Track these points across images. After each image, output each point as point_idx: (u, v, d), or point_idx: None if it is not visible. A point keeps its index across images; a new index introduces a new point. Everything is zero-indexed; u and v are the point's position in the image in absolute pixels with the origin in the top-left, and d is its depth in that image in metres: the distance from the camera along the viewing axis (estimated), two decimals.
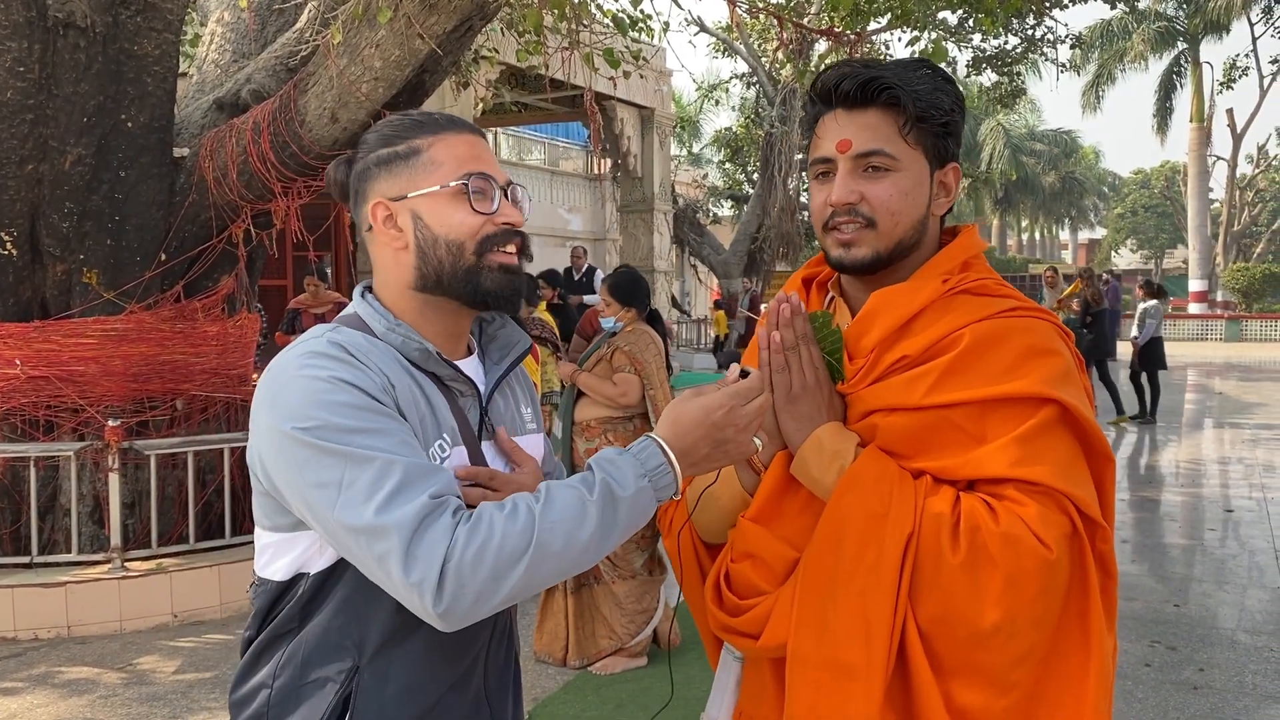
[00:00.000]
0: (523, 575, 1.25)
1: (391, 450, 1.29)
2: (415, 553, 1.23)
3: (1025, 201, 46.05)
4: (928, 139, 1.47)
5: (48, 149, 5.45)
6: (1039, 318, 1.47)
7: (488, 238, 1.44)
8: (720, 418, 1.35)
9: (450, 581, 1.23)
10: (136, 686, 4.53)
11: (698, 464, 1.36)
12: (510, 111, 15.84)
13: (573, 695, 4.35)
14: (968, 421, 1.40)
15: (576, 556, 1.28)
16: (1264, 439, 11.52)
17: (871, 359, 1.46)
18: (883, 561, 1.36)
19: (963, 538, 1.34)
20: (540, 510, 1.27)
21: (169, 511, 5.84)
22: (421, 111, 1.51)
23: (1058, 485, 1.36)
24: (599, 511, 1.28)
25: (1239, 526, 7.36)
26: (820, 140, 1.50)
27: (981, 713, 1.36)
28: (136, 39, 5.57)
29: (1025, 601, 1.33)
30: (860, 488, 1.39)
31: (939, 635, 1.36)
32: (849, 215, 1.46)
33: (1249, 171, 40.02)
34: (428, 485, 1.27)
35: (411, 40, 5.23)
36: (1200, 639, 5.00)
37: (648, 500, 1.32)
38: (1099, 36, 34.18)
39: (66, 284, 5.76)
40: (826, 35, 10.77)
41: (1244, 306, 32.97)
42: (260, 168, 5.63)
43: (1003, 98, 17.59)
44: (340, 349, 1.38)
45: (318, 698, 1.40)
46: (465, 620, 1.27)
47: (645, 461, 1.32)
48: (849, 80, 1.46)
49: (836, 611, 1.38)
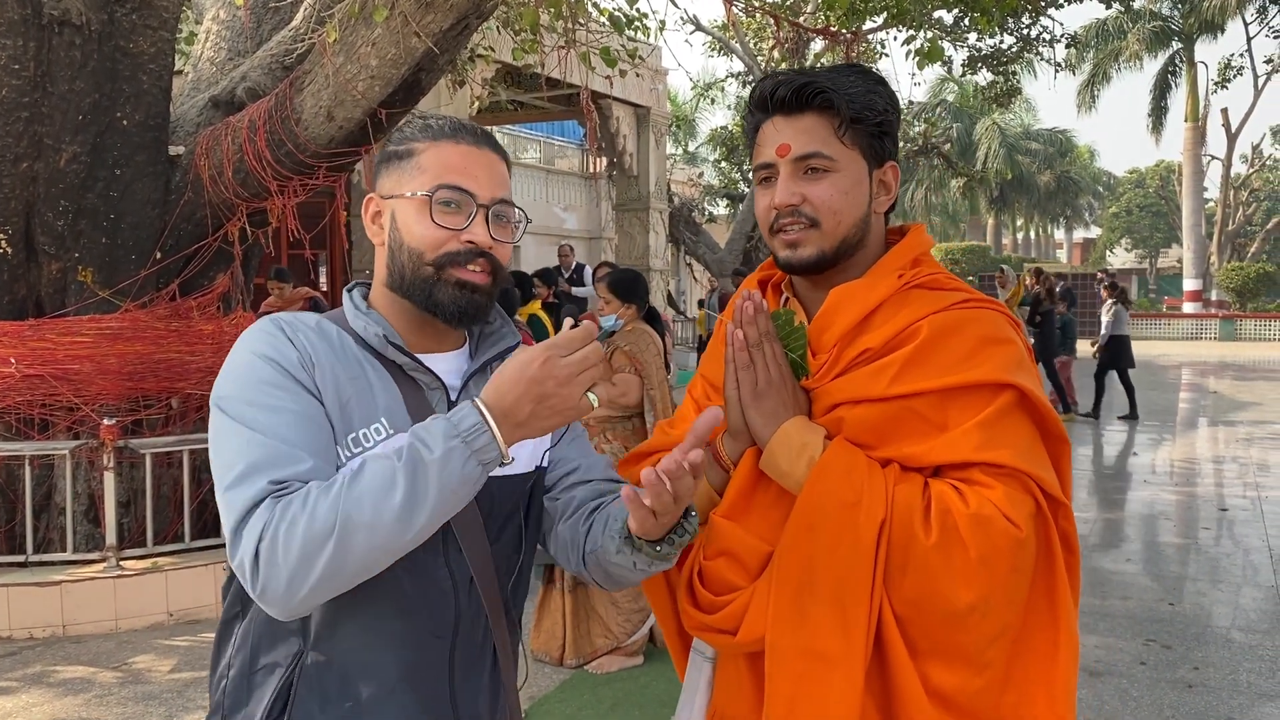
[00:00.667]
0: (333, 551, 1.22)
1: (269, 429, 1.31)
2: (240, 534, 1.25)
3: (1020, 201, 46.05)
4: (863, 139, 1.52)
5: (43, 147, 5.44)
6: (990, 309, 1.52)
7: (451, 254, 1.42)
8: (537, 371, 1.26)
9: (264, 562, 1.23)
10: (132, 685, 4.52)
11: (524, 424, 1.28)
12: (506, 110, 15.83)
13: (569, 694, 4.35)
14: (930, 410, 1.45)
15: (391, 526, 1.23)
16: (1258, 438, 11.54)
17: (834, 353, 1.50)
18: (857, 549, 1.39)
19: (934, 521, 1.38)
20: (348, 482, 1.24)
21: (164, 510, 5.83)
22: (449, 117, 1.51)
23: (1021, 466, 1.41)
24: (407, 477, 1.23)
25: (1234, 525, 7.38)
26: (761, 147, 1.55)
27: (958, 692, 1.39)
28: (132, 37, 5.56)
29: (998, 580, 1.38)
30: (831, 478, 1.42)
31: (915, 618, 1.40)
32: (792, 217, 1.51)
33: (1243, 171, 40.12)
34: (276, 471, 1.28)
35: (408, 38, 5.23)
36: (1195, 637, 5.01)
37: (461, 462, 1.25)
38: (1094, 36, 34.21)
39: (61, 282, 5.74)
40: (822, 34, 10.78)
41: (1238, 306, 33.03)
42: (256, 166, 5.62)
43: (998, 97, 17.59)
44: (276, 324, 1.42)
45: (266, 684, 1.39)
46: (290, 603, 1.25)
47: (459, 424, 1.26)
48: (784, 87, 1.51)
49: (813, 601, 1.40)
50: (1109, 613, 5.39)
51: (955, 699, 1.39)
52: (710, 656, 1.62)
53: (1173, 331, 31.28)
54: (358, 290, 1.53)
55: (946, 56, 15.37)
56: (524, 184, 22.50)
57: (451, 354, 1.53)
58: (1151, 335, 31.12)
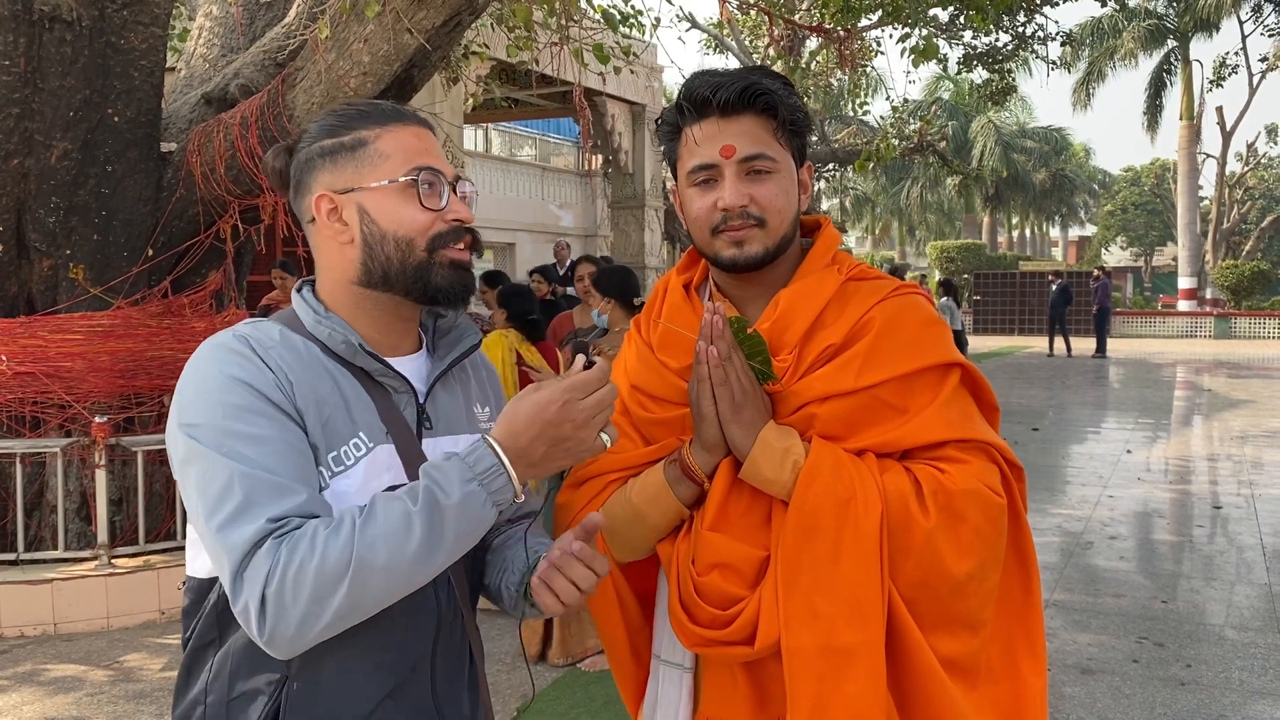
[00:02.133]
0: (346, 595, 1.20)
1: (255, 461, 1.25)
2: (242, 577, 1.21)
3: (1016, 199, 46.04)
4: (793, 141, 1.58)
5: (33, 143, 5.42)
6: (915, 293, 1.61)
7: (439, 235, 1.42)
8: (555, 414, 1.27)
9: (271, 606, 1.20)
10: (123, 684, 4.51)
11: (537, 465, 1.29)
12: (501, 107, 15.82)
13: (560, 693, 4.35)
14: (894, 396, 1.51)
15: (407, 570, 1.23)
16: (1252, 436, 11.56)
17: (797, 353, 1.53)
18: (863, 543, 1.43)
19: (930, 501, 1.45)
20: (361, 524, 1.22)
21: (156, 508, 5.82)
22: (367, 101, 1.49)
23: (985, 438, 1.52)
24: (424, 522, 1.22)
25: (1227, 523, 7.38)
26: (697, 147, 1.55)
27: (964, 655, 1.48)
28: (123, 33, 5.54)
29: (989, 546, 1.49)
30: (822, 478, 1.45)
31: (921, 597, 1.46)
32: (741, 218, 1.53)
33: (1238, 169, 40.15)
34: (272, 507, 1.23)
35: (400, 35, 5.21)
36: (1188, 635, 5.01)
37: (479, 505, 1.25)
38: (1089, 34, 34.23)
39: (53, 279, 5.73)
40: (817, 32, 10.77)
41: (1233, 304, 33.06)
42: (248, 163, 5.61)
43: (993, 95, 17.60)
44: (245, 343, 1.35)
45: (249, 711, 1.35)
46: (297, 644, 1.23)
47: (474, 465, 1.26)
48: (725, 89, 1.51)
49: (825, 599, 1.42)
50: (1102, 610, 5.39)
51: (960, 662, 1.48)
52: (689, 667, 1.61)
53: (1167, 329, 31.30)
54: (308, 290, 1.48)
55: (942, 54, 15.35)
56: (519, 181, 22.46)
57: (412, 357, 1.51)
58: (1146, 333, 31.16)
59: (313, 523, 1.23)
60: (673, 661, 1.62)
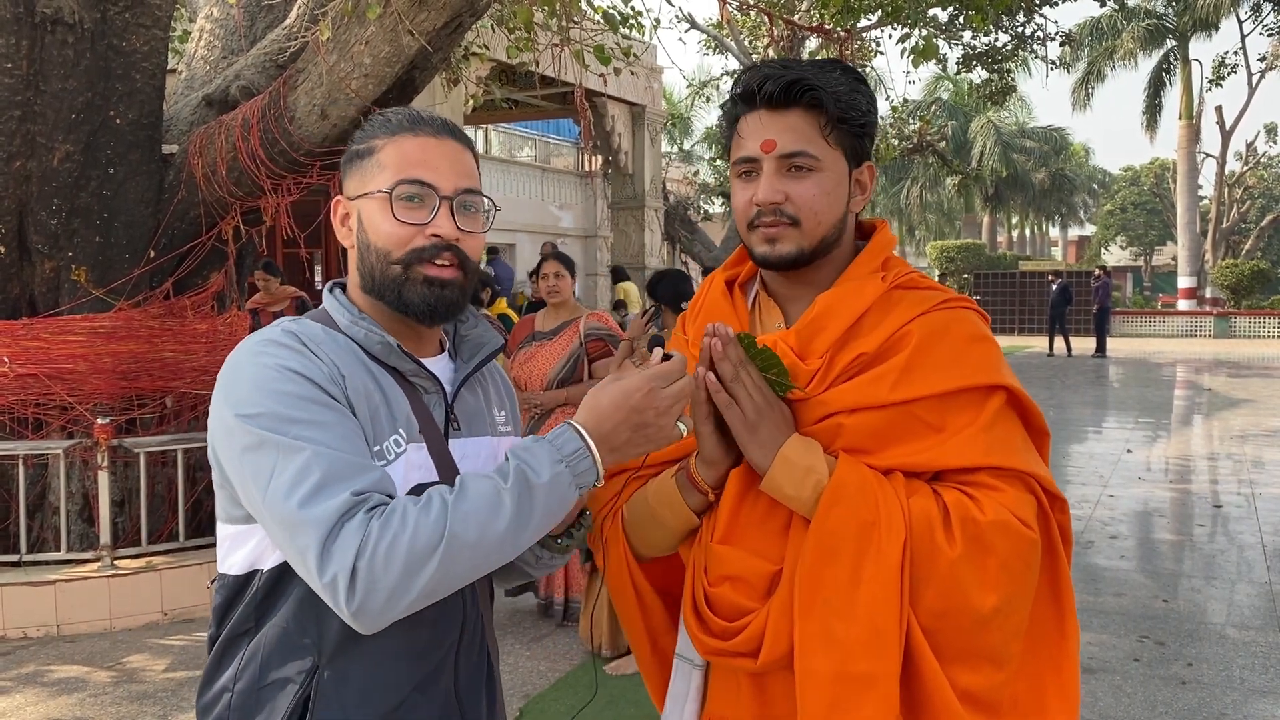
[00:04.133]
0: (437, 569, 1.22)
1: (327, 443, 1.27)
2: (330, 550, 1.22)
3: (1015, 198, 46.01)
4: (846, 139, 1.51)
5: (35, 146, 5.43)
6: (966, 308, 1.55)
7: (417, 250, 1.40)
8: (639, 400, 1.31)
9: (362, 579, 1.21)
10: (126, 685, 4.52)
11: (619, 449, 1.33)
12: (501, 108, 15.82)
13: (563, 691, 4.36)
14: (929, 413, 1.45)
15: (494, 547, 1.25)
16: (1252, 435, 11.57)
17: (827, 359, 1.48)
18: (883, 569, 1.38)
19: (956, 530, 1.39)
20: (453, 501, 1.25)
21: (159, 509, 5.82)
22: (407, 109, 1.48)
23: (1023, 467, 1.45)
24: (514, 500, 1.25)
25: (1228, 522, 7.39)
26: (743, 140, 1.52)
27: (985, 690, 1.42)
28: (125, 35, 5.55)
29: (1017, 582, 1.41)
30: (846, 499, 1.41)
31: (942, 628, 1.41)
32: (774, 215, 1.49)
33: (1238, 168, 40.14)
34: (353, 482, 1.25)
35: (401, 36, 5.22)
36: (1189, 634, 5.02)
37: (565, 487, 1.29)
38: (1089, 34, 34.22)
39: (55, 281, 5.73)
40: (817, 32, 10.79)
41: (1233, 303, 33.05)
42: (250, 164, 5.62)
43: (993, 95, 17.60)
44: (294, 338, 1.37)
45: (278, 699, 1.37)
46: (383, 618, 1.24)
47: (561, 447, 1.29)
48: (772, 81, 1.48)
49: (842, 624, 1.39)
50: (1103, 609, 5.40)
51: (980, 696, 1.42)
52: (700, 664, 1.60)
53: (1167, 329, 31.30)
54: (339, 291, 1.50)
55: (941, 54, 15.36)
56: (519, 182, 22.46)
57: (435, 359, 1.53)
58: (1146, 332, 31.16)
59: (402, 499, 1.26)
60: (687, 657, 1.62)
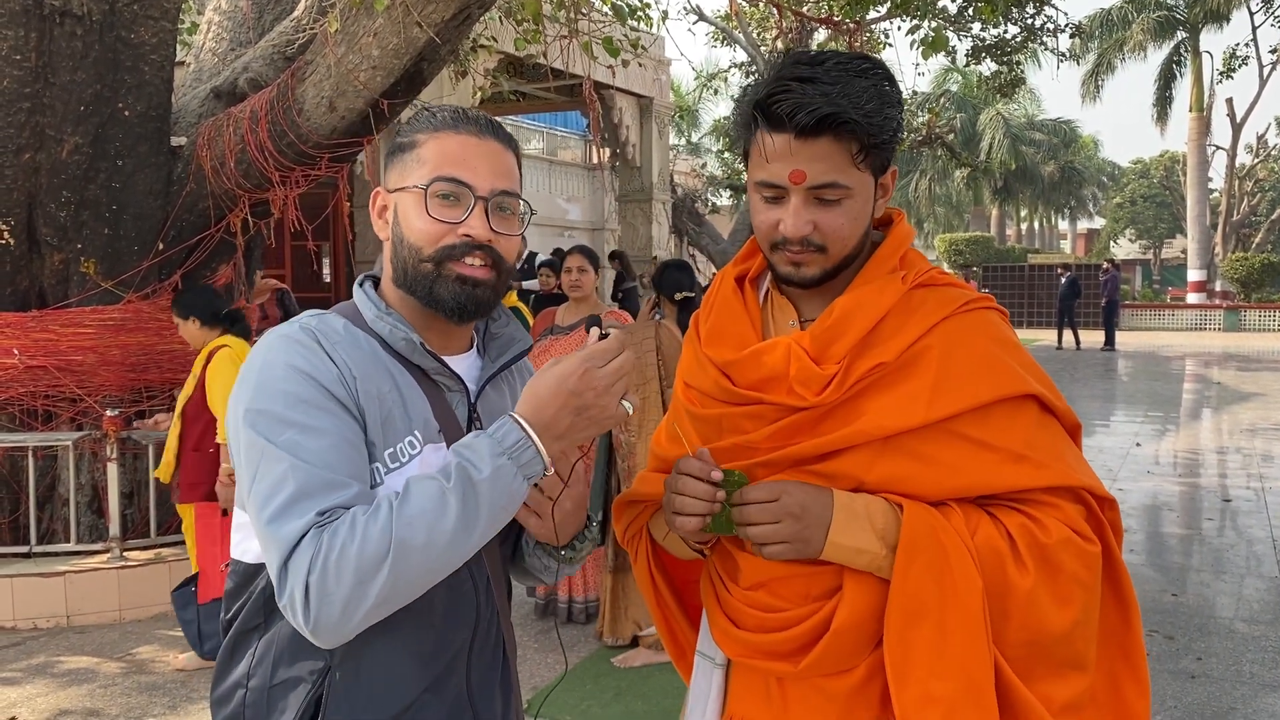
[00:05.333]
0: (389, 576, 1.21)
1: (309, 455, 1.27)
2: (287, 568, 1.23)
3: (1024, 191, 45.88)
4: (876, 159, 1.44)
5: (44, 138, 5.43)
6: (988, 308, 1.51)
7: (448, 248, 1.40)
8: (575, 383, 1.29)
9: (315, 593, 1.21)
10: (135, 676, 4.53)
11: (564, 435, 1.30)
12: (509, 101, 15.81)
13: (572, 683, 4.36)
14: (969, 428, 1.41)
15: (445, 548, 1.24)
16: (1262, 429, 11.52)
17: (845, 365, 1.42)
18: (969, 620, 1.36)
19: (1027, 559, 1.38)
20: (398, 506, 1.23)
21: (167, 501, 5.83)
22: (454, 108, 1.47)
23: (1073, 481, 1.43)
24: (459, 498, 1.23)
25: (1237, 516, 7.37)
26: (769, 164, 1.42)
27: (1077, 696, 1.42)
28: (133, 27, 5.55)
29: (1089, 592, 1.42)
30: (923, 557, 1.37)
31: (1028, 656, 1.40)
32: (801, 245, 1.44)
33: (1248, 161, 39.95)
34: (322, 500, 1.25)
35: (409, 28, 5.22)
36: (1198, 628, 5.00)
37: (509, 479, 1.27)
38: (1099, 26, 34.06)
39: (64, 273, 5.75)
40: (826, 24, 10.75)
41: (1243, 296, 32.92)
42: (258, 157, 5.62)
43: (1002, 87, 17.52)
44: (310, 335, 1.37)
45: (290, 698, 1.37)
46: (342, 629, 1.23)
47: (502, 440, 1.27)
48: (804, 113, 1.37)
49: (940, 682, 1.36)
50: None
51: (1073, 702, 1.42)
52: (721, 663, 1.58)
53: (1177, 322, 31.19)
54: (369, 285, 1.49)
55: (950, 46, 15.30)
56: (527, 175, 22.36)
57: (462, 356, 1.52)
58: (1155, 326, 31.06)
59: (353, 509, 1.25)
60: (708, 655, 1.60)
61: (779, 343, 1.47)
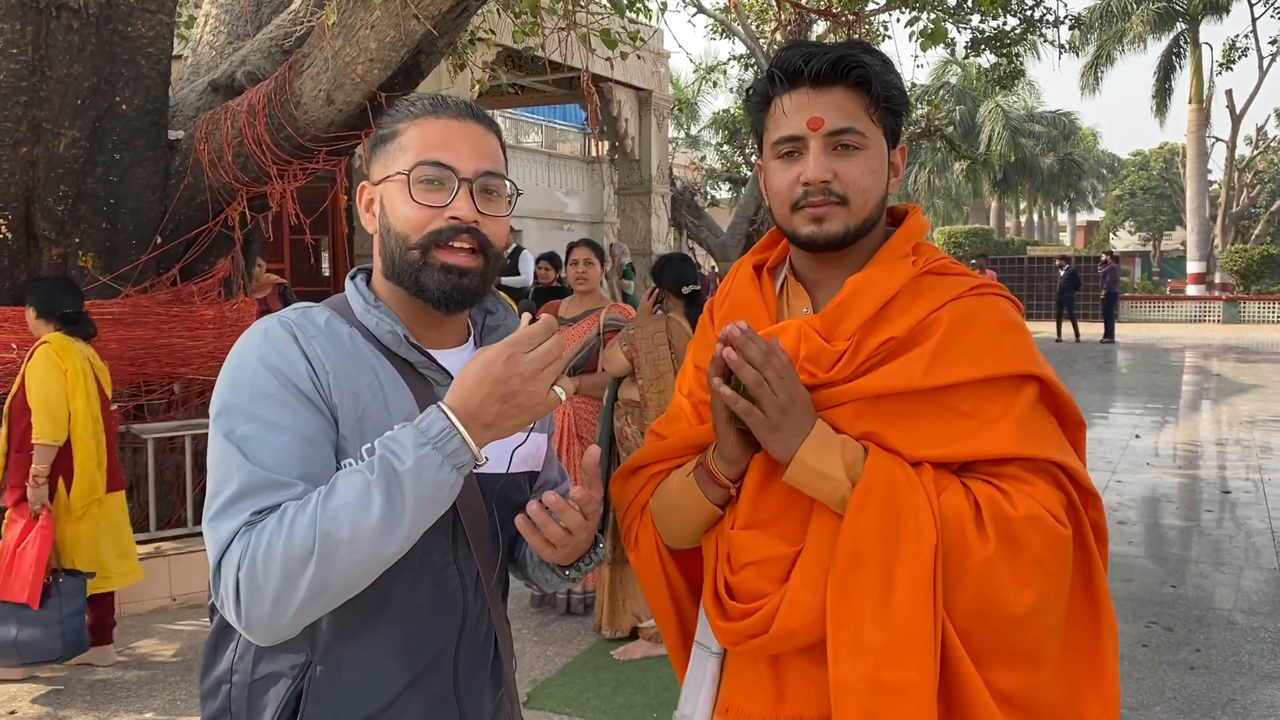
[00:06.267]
0: (315, 570, 1.20)
1: (266, 453, 1.27)
2: (220, 567, 1.24)
3: (1024, 183, 45.83)
4: (887, 119, 1.50)
5: (41, 131, 5.42)
6: (998, 294, 1.52)
7: (435, 233, 1.38)
8: (500, 370, 1.25)
9: (244, 590, 1.21)
10: (135, 669, 4.54)
11: (494, 424, 1.27)
12: (507, 94, 15.77)
13: (571, 676, 4.36)
14: (961, 401, 1.42)
15: (372, 541, 1.21)
16: (1261, 420, 11.53)
17: (855, 342, 1.44)
18: (916, 574, 1.35)
19: (989, 528, 1.36)
20: (322, 500, 1.22)
21: (167, 495, 5.84)
22: (433, 95, 1.47)
23: (1055, 458, 1.41)
24: (382, 490, 1.21)
25: (1236, 508, 7.37)
26: (785, 119, 1.48)
27: (1023, 691, 1.39)
28: (130, 20, 5.54)
29: (1052, 578, 1.39)
30: (874, 503, 1.37)
31: (977, 628, 1.38)
32: (823, 194, 1.46)
33: (1248, 153, 39.88)
34: (260, 500, 1.25)
35: (407, 21, 5.20)
36: (1197, 620, 5.01)
37: (434, 469, 1.23)
38: (1098, 17, 33.99)
39: (62, 268, 5.73)
40: (825, 16, 10.73)
41: (1242, 288, 32.89)
42: (256, 150, 5.61)
43: (1001, 79, 17.49)
44: (286, 329, 1.37)
45: (271, 694, 1.37)
46: (277, 627, 1.23)
47: (426, 430, 1.24)
48: (818, 59, 1.45)
49: (875, 631, 1.35)
50: (1111, 595, 5.39)
51: (1018, 697, 1.39)
52: (717, 651, 1.59)
53: (1176, 314, 31.18)
54: (361, 278, 1.49)
55: (950, 38, 15.27)
56: (526, 168, 22.44)
57: (456, 350, 1.50)
58: (1155, 318, 31.05)
59: (284, 505, 1.24)
60: (705, 644, 1.60)
61: (790, 324, 1.49)
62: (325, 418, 1.33)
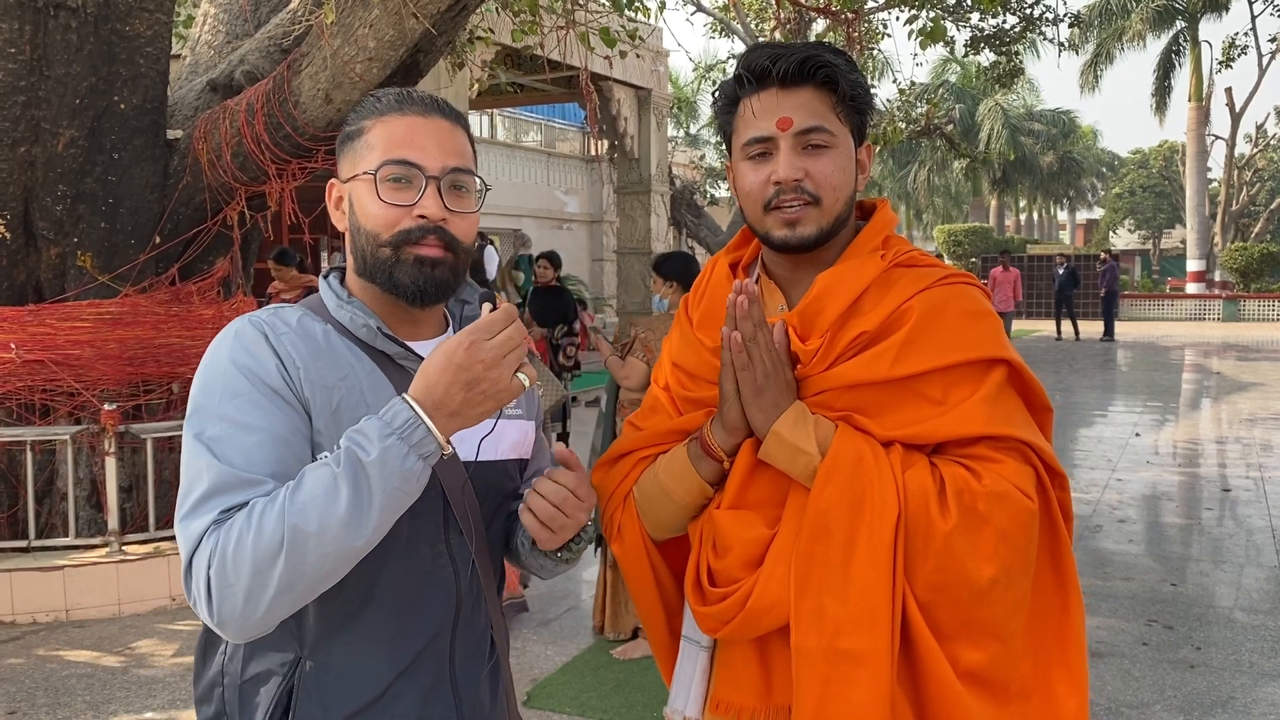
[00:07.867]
0: (285, 564, 1.20)
1: (236, 452, 1.28)
2: (191, 565, 1.24)
3: (1023, 182, 45.78)
4: (853, 117, 1.53)
5: (40, 131, 5.42)
6: (967, 283, 1.54)
7: (405, 232, 1.38)
8: (462, 357, 1.25)
9: (215, 587, 1.21)
10: (135, 670, 4.53)
11: (459, 412, 1.27)
12: (506, 93, 15.76)
13: (571, 675, 4.36)
14: (931, 388, 1.45)
15: (340, 533, 1.21)
16: (1261, 418, 11.52)
17: (828, 338, 1.47)
18: (876, 546, 1.38)
19: (951, 502, 1.39)
20: (290, 493, 1.22)
21: (166, 495, 5.83)
22: (398, 90, 1.46)
23: (1024, 438, 1.44)
24: (349, 482, 1.21)
25: (1236, 506, 7.37)
26: (754, 119, 1.50)
27: (985, 667, 1.41)
28: (128, 19, 5.53)
29: (1016, 552, 1.41)
30: (839, 477, 1.41)
31: (939, 602, 1.40)
32: (795, 193, 1.48)
33: (1247, 151, 39.86)
34: (228, 498, 1.25)
35: (405, 20, 5.19)
36: (1197, 618, 5.01)
37: (400, 459, 1.23)
38: (1097, 15, 33.97)
39: (61, 267, 5.73)
40: (824, 14, 10.72)
41: (1242, 286, 32.87)
42: (254, 149, 5.60)
43: (1001, 77, 17.48)
44: (257, 328, 1.37)
45: (263, 692, 1.37)
46: (249, 622, 1.23)
47: (391, 421, 1.25)
48: (785, 59, 1.48)
49: (834, 601, 1.39)
50: (1111, 593, 5.39)
51: (983, 674, 1.42)
52: (706, 645, 1.60)
53: (1176, 312, 31.17)
54: (334, 276, 1.50)
55: (949, 37, 15.26)
56: (525, 167, 22.43)
57: (436, 340, 1.50)
58: (1155, 316, 31.04)
59: (253, 500, 1.25)
60: (694, 639, 1.61)
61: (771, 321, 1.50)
62: (298, 414, 1.33)
